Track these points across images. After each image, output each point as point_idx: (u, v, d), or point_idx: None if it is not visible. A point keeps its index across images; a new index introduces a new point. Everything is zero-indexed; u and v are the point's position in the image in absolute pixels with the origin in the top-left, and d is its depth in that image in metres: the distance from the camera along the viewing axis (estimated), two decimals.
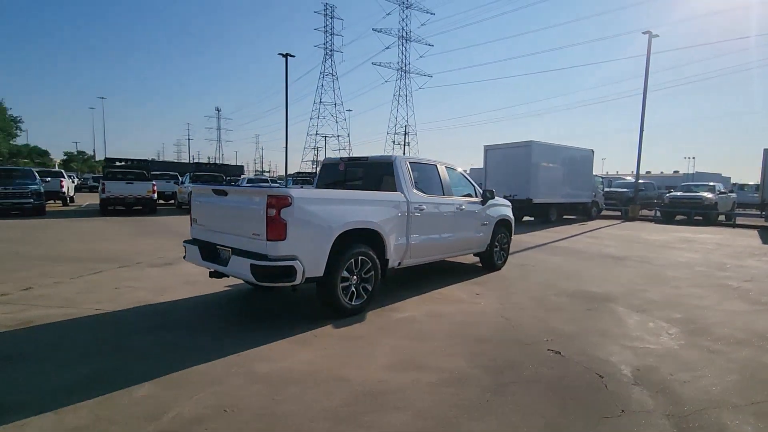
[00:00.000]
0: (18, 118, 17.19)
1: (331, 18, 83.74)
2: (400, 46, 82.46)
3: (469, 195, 6.49)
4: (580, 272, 7.13)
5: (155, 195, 16.74)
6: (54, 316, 4.22)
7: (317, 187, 6.29)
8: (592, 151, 17.60)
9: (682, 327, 4.38)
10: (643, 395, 2.90)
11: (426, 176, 5.79)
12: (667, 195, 18.42)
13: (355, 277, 4.48)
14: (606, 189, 20.14)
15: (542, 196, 15.30)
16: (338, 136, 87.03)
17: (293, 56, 26.44)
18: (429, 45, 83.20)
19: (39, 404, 2.56)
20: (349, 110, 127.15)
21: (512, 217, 7.47)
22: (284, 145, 28.38)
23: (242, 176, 31.52)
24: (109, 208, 16.23)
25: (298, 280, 3.91)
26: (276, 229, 3.79)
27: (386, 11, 76.85)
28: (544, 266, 7.60)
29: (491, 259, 6.96)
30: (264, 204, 3.80)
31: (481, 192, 6.59)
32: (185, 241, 4.81)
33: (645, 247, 10.26)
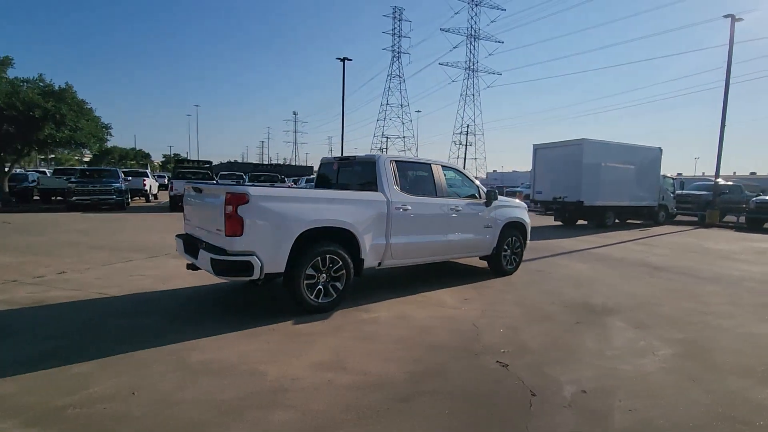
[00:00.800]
0: (108, 125, 19.58)
1: (399, 20, 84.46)
2: (468, 45, 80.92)
3: (473, 196, 6.22)
4: (598, 281, 6.50)
5: None
6: (62, 298, 4.79)
7: (316, 184, 6.44)
8: (660, 150, 15.82)
9: (677, 349, 3.82)
10: (568, 420, 2.60)
11: (416, 176, 5.65)
12: (754, 199, 15.98)
13: (324, 275, 4.51)
14: (678, 192, 17.99)
15: (596, 199, 14.09)
16: (404, 137, 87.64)
17: (350, 60, 27.16)
18: (499, 42, 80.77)
19: None
20: (418, 111, 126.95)
21: (527, 220, 6.99)
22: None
23: (307, 176, 32.99)
24: (178, 204, 17.94)
25: (256, 275, 4.04)
26: (233, 225, 3.95)
27: (455, 10, 75.91)
28: (563, 273, 7.03)
29: (499, 264, 6.60)
30: (223, 201, 3.99)
31: (485, 193, 6.27)
32: (177, 235, 5.19)
33: (700, 257, 9.04)
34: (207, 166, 20.21)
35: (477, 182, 6.40)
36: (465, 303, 5.13)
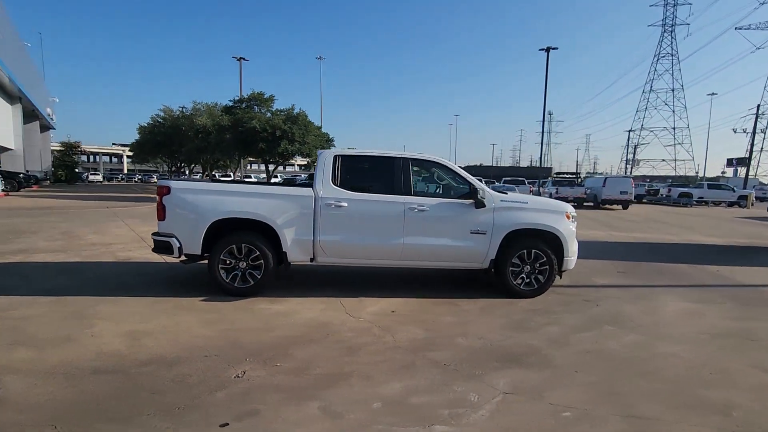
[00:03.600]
0: (332, 138, 24.66)
1: None
2: None
3: (465, 196, 5.14)
4: (643, 328, 4.24)
5: None
6: (114, 258, 6.77)
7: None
8: None
9: (494, 426, 2.39)
10: None
11: (368, 171, 5.22)
12: None
13: (243, 262, 4.90)
14: None
15: None
16: (673, 128, 70.60)
17: (556, 48, 24.55)
18: None
19: None
20: (713, 94, 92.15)
21: (561, 228, 5.12)
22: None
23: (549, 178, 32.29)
24: None
25: (176, 254, 4.86)
26: (159, 211, 4.91)
27: None
28: (613, 310, 4.84)
29: (504, 280, 5.15)
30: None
31: (477, 192, 5.04)
32: None
33: None
34: None
35: (471, 179, 5.22)
36: (379, 316, 4.44)
